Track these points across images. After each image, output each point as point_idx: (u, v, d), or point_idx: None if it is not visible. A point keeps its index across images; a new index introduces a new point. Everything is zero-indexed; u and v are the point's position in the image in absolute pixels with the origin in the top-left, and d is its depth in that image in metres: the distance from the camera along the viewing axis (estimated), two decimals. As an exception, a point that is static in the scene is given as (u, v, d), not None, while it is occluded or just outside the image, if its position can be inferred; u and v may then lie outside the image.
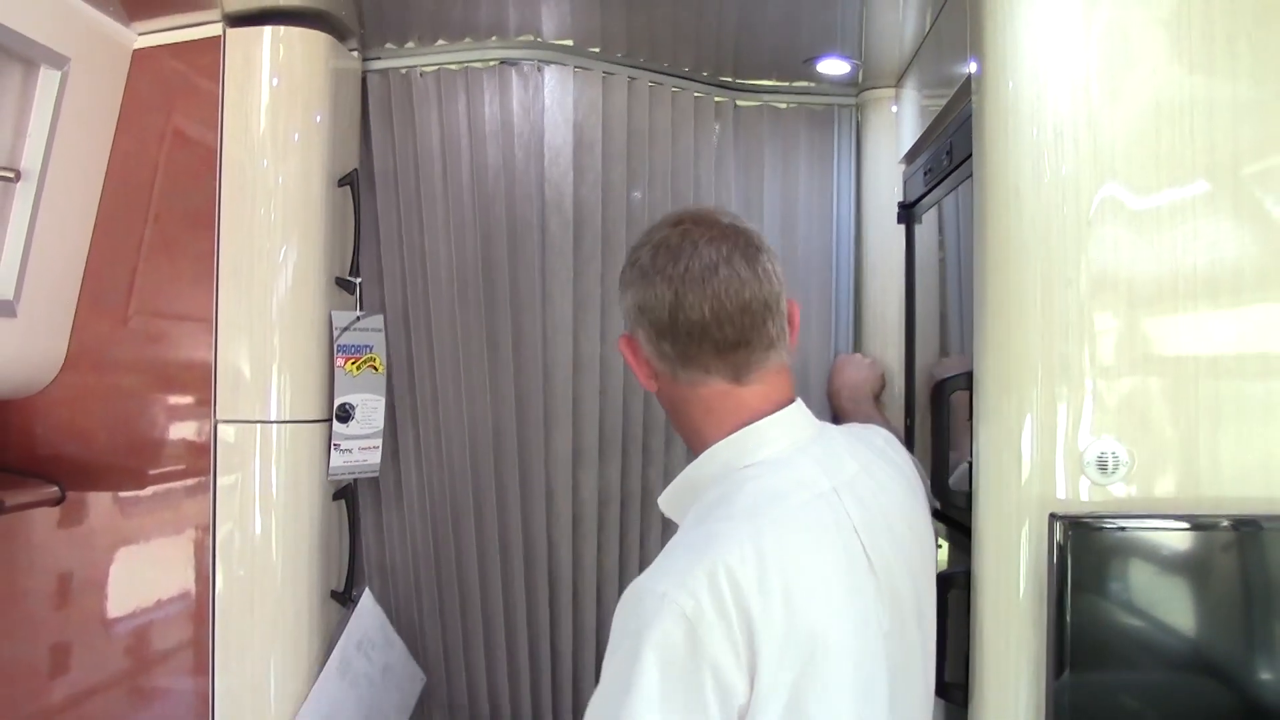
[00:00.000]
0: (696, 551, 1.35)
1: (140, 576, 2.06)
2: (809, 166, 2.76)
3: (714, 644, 1.29)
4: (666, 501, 1.63)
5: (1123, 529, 1.55)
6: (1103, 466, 1.58)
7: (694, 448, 1.57)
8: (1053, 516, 1.55)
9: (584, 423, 2.53)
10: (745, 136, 2.73)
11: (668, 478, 2.55)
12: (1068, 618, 1.53)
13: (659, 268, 1.49)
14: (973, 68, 1.75)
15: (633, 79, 2.54)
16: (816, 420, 1.60)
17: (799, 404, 1.57)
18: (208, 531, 2.00)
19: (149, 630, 2.05)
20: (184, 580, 2.03)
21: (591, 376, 2.52)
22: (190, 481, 2.03)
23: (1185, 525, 1.57)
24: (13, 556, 2.11)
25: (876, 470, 1.60)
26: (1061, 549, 1.53)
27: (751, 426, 1.51)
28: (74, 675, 2.10)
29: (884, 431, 1.76)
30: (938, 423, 2.03)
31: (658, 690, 1.28)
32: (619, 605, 1.41)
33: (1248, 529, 1.56)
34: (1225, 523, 1.56)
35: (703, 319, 1.47)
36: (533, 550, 2.50)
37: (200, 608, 2.01)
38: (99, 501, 2.08)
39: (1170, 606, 1.60)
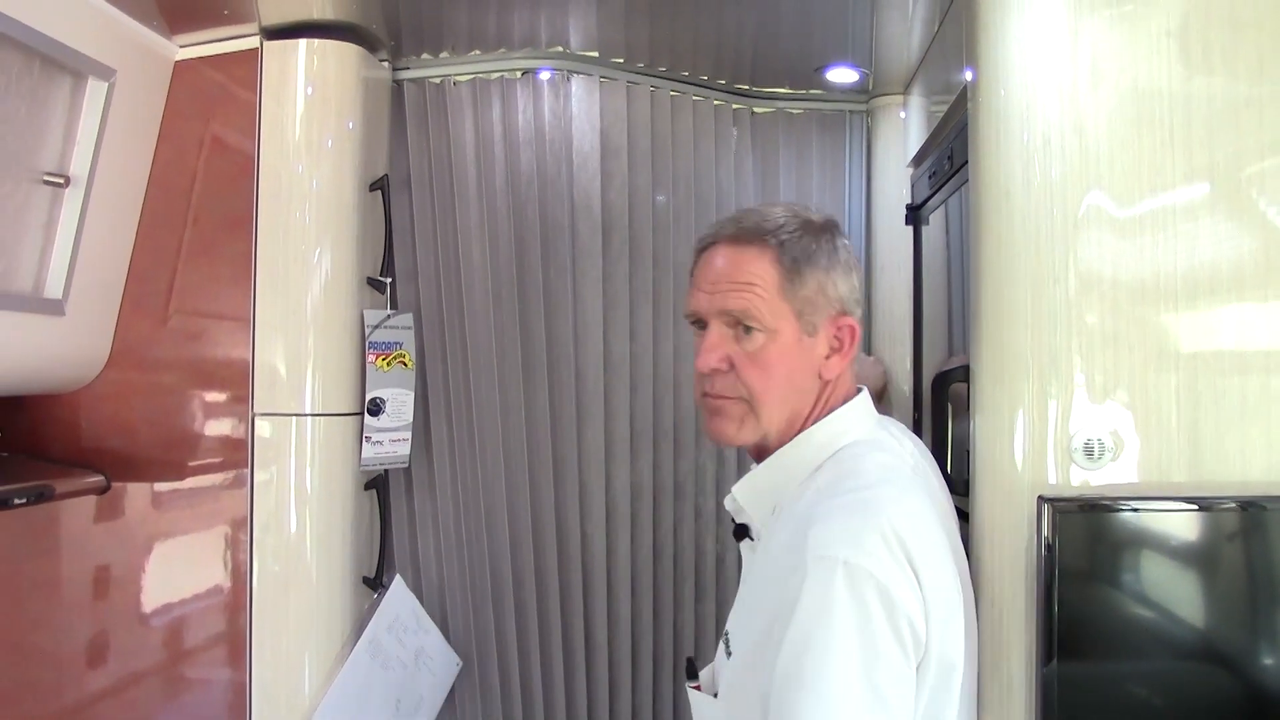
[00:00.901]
0: (859, 515, 1.40)
1: (181, 563, 2.17)
2: (821, 170, 2.86)
3: (904, 599, 1.35)
4: (748, 492, 1.63)
5: (1107, 510, 1.64)
6: (1089, 453, 1.66)
7: (784, 434, 1.59)
8: (1041, 499, 1.63)
9: (615, 418, 2.63)
10: (761, 142, 2.83)
11: (698, 472, 2.68)
12: (1056, 592, 1.61)
13: (857, 262, 1.62)
14: (968, 76, 1.83)
15: (655, 88, 2.64)
16: None
17: (865, 391, 1.66)
18: (245, 520, 2.11)
19: (189, 615, 2.15)
20: (223, 566, 2.14)
21: (622, 372, 2.63)
22: (229, 473, 2.14)
23: (1165, 507, 1.65)
24: (56, 545, 2.21)
25: (920, 453, 1.70)
26: (1051, 529, 1.61)
27: (846, 407, 1.60)
28: (117, 660, 2.21)
29: (900, 424, 1.83)
30: (937, 414, 2.11)
31: (859, 654, 1.34)
32: (772, 577, 1.45)
33: (1225, 510, 1.64)
34: (1205, 505, 1.64)
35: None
36: (566, 542, 2.60)
37: (238, 592, 2.11)
38: (141, 492, 2.18)
39: (1154, 582, 1.68)
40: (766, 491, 1.60)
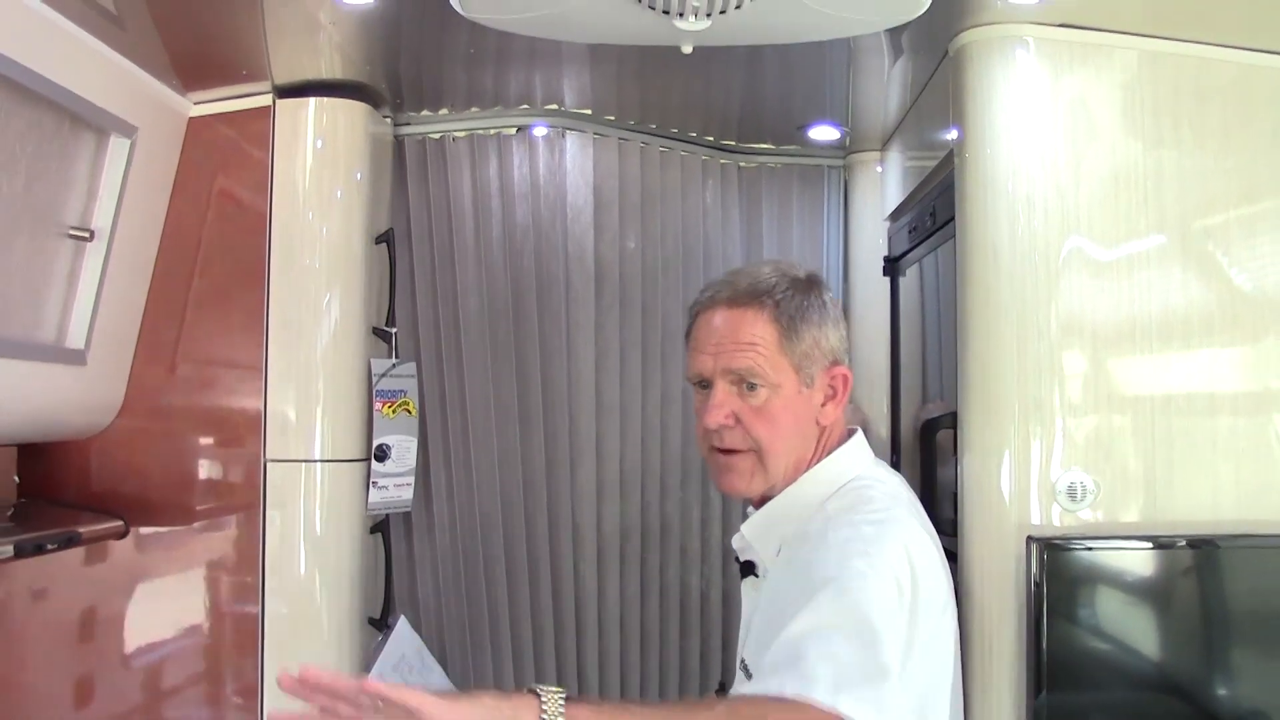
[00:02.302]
0: (880, 531, 1.50)
1: (193, 605, 2.21)
2: (801, 222, 2.98)
3: (906, 604, 1.44)
4: (756, 528, 1.72)
5: (1090, 549, 1.75)
6: (1073, 495, 1.79)
7: (787, 475, 1.67)
8: (1029, 539, 1.74)
9: (606, 461, 2.73)
10: (745, 195, 2.95)
11: (684, 512, 2.76)
12: (1045, 626, 1.72)
13: (841, 313, 1.73)
14: (954, 136, 1.96)
15: (645, 144, 2.76)
16: None
17: (860, 431, 1.75)
18: (257, 562, 2.16)
19: (203, 655, 2.20)
20: (235, 607, 2.19)
21: (613, 417, 2.73)
22: (240, 516, 2.19)
23: (1147, 545, 1.78)
24: (70, 588, 2.26)
25: (907, 493, 1.78)
26: (1038, 567, 1.72)
27: (846, 446, 1.70)
28: (130, 701, 2.24)
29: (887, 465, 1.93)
30: (926, 458, 2.22)
31: (891, 608, 1.42)
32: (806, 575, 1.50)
33: (1202, 547, 1.77)
34: (1182, 542, 1.77)
35: None
36: (560, 582, 2.68)
37: (250, 633, 2.16)
38: (154, 536, 2.23)
39: (1136, 617, 1.80)
40: (773, 527, 1.68)
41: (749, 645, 1.67)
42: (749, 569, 1.75)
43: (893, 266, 2.77)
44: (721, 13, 1.65)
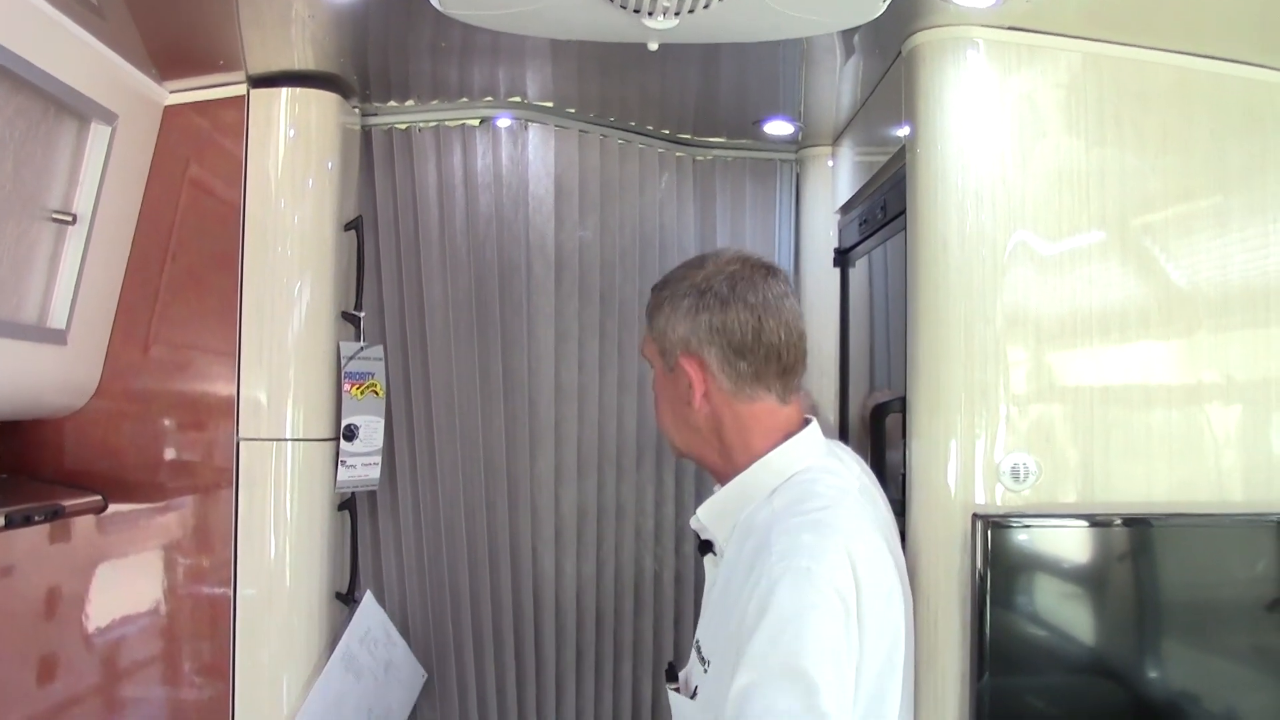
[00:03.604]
0: (819, 532, 1.55)
1: (166, 582, 2.27)
2: (754, 214, 3.07)
3: (851, 607, 1.50)
4: (710, 512, 1.79)
5: (1031, 526, 1.86)
6: (1015, 476, 1.89)
7: (728, 462, 1.76)
8: (975, 516, 1.84)
9: (565, 444, 2.81)
10: (700, 187, 3.04)
11: (639, 494, 2.85)
12: (988, 601, 1.82)
13: (739, 295, 1.71)
14: (905, 133, 2.05)
15: (605, 136, 2.84)
16: None
17: (815, 423, 1.81)
18: (229, 539, 2.22)
19: (175, 632, 2.25)
20: (207, 584, 2.25)
21: (571, 402, 2.81)
22: (213, 495, 2.25)
23: (1085, 523, 1.88)
24: (38, 568, 2.30)
25: (864, 477, 1.87)
26: (983, 543, 1.82)
27: (797, 436, 1.75)
28: (101, 676, 2.29)
29: (847, 448, 2.00)
30: (875, 441, 2.32)
31: (832, 641, 1.48)
32: (735, 589, 1.59)
33: (1136, 526, 1.88)
34: (1118, 520, 1.88)
35: (777, 342, 1.72)
36: (519, 560, 2.77)
37: (222, 608, 2.22)
38: (127, 513, 2.28)
39: (1076, 592, 1.91)
40: (726, 512, 1.76)
41: (701, 626, 1.77)
42: (708, 547, 1.84)
43: (843, 258, 2.87)
44: (690, 12, 1.73)
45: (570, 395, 2.81)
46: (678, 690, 1.77)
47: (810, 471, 1.72)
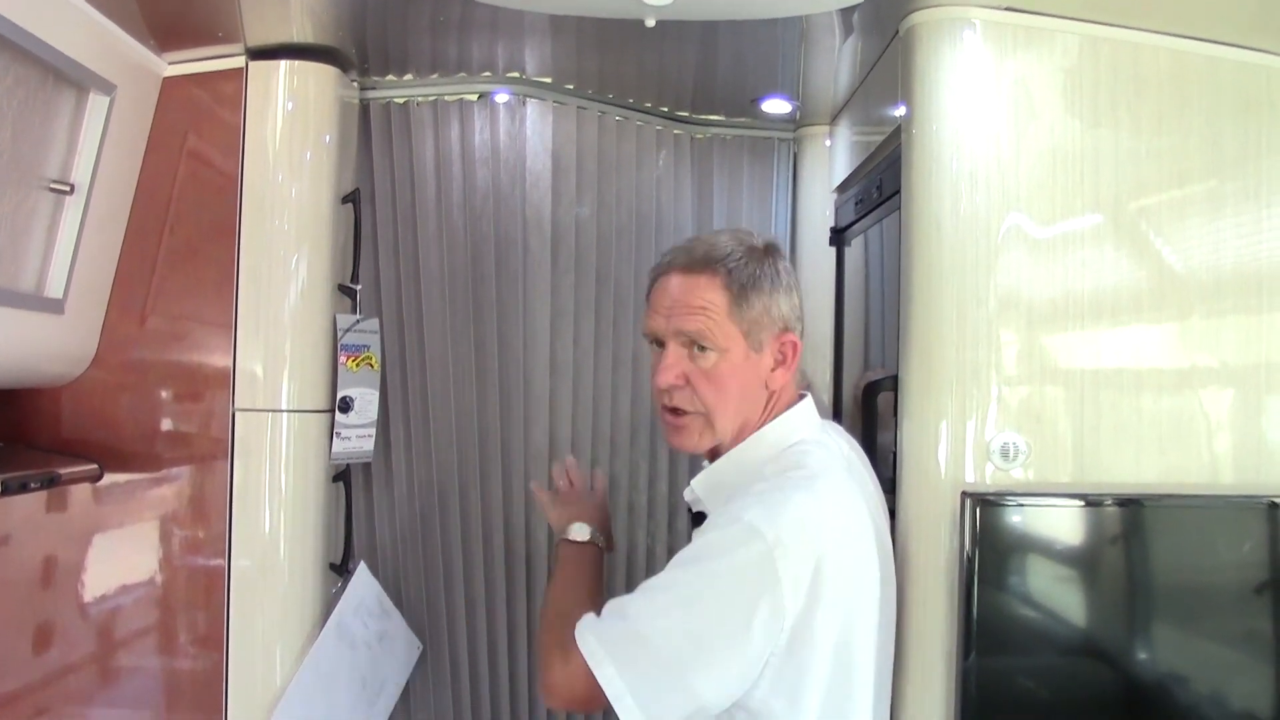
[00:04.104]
0: (788, 494, 1.60)
1: (161, 552, 2.28)
2: (750, 192, 3.08)
3: (786, 578, 1.53)
4: (705, 484, 1.84)
5: (1022, 505, 1.87)
6: (1005, 454, 1.90)
7: (736, 435, 1.80)
8: (964, 494, 1.86)
9: (559, 420, 2.83)
10: (698, 165, 3.04)
11: (632, 471, 2.86)
12: (976, 579, 1.84)
13: (796, 282, 1.82)
14: (901, 113, 2.06)
15: (603, 113, 2.84)
16: None
17: (810, 396, 1.86)
18: (225, 510, 2.23)
19: (172, 598, 2.27)
20: (202, 554, 2.26)
21: (566, 378, 2.82)
22: (209, 465, 2.26)
23: (1078, 503, 1.90)
24: (40, 534, 2.32)
25: (853, 454, 1.89)
26: (971, 521, 1.84)
27: (793, 410, 1.80)
28: (95, 646, 2.31)
29: (839, 426, 2.04)
30: (867, 419, 2.34)
31: (716, 599, 1.53)
32: (705, 529, 1.64)
33: (1128, 506, 1.90)
34: (1109, 501, 1.89)
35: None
36: (512, 535, 2.79)
37: (218, 576, 2.24)
38: (124, 483, 2.29)
39: (1063, 571, 1.93)
40: (722, 485, 1.79)
41: None
42: (701, 519, 1.85)
43: (839, 237, 2.88)
44: (687, -11, 1.75)
45: (565, 371, 2.83)
46: None
47: (804, 444, 1.76)
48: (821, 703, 1.60)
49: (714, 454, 1.84)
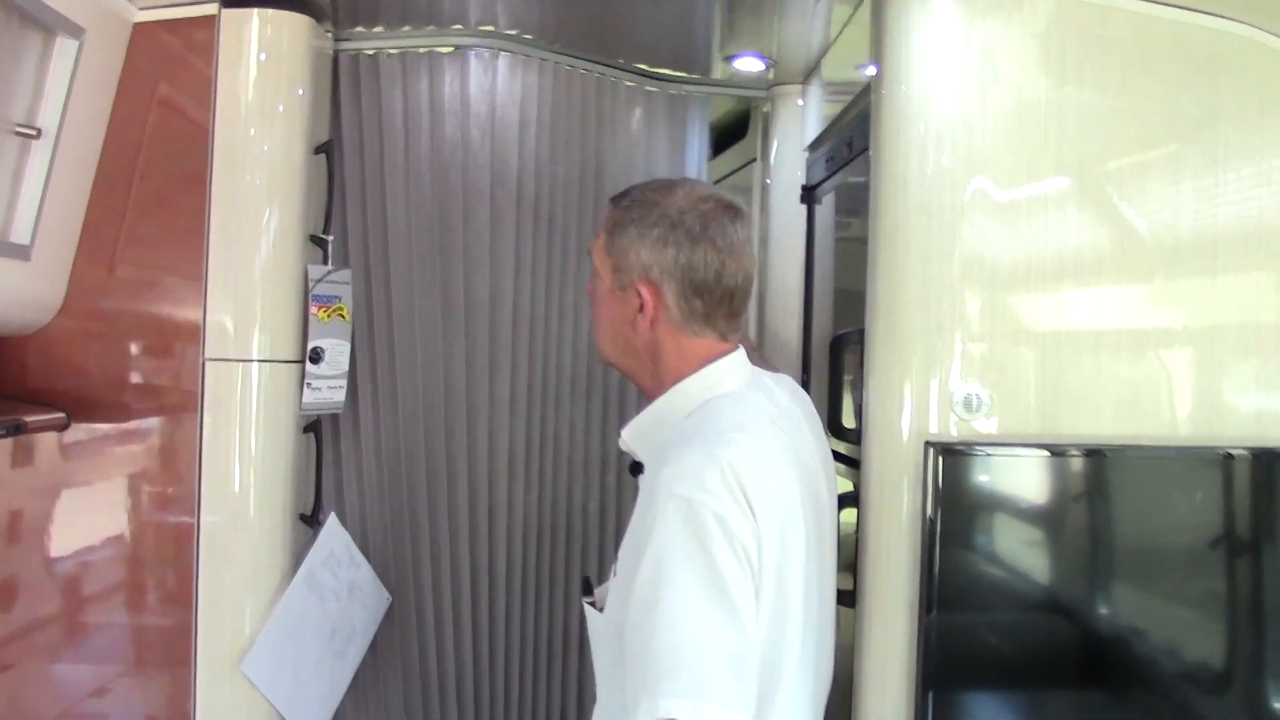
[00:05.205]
0: (703, 457, 1.58)
1: (129, 502, 2.28)
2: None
3: (740, 529, 1.54)
4: (633, 433, 1.85)
5: (987, 455, 1.91)
6: (968, 406, 1.93)
7: (656, 384, 1.81)
8: (928, 444, 1.89)
9: (519, 371, 2.85)
10: (670, 122, 3.05)
11: (589, 421, 2.89)
12: (939, 528, 1.88)
13: (710, 236, 1.73)
14: (872, 72, 2.07)
15: (573, 68, 2.85)
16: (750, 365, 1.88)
17: (741, 350, 1.84)
18: (194, 459, 2.23)
19: (141, 552, 2.26)
20: (173, 502, 2.25)
21: (527, 330, 2.85)
22: (179, 415, 2.25)
23: (1037, 451, 1.94)
24: (5, 486, 2.31)
25: (794, 407, 1.90)
26: (934, 470, 1.87)
27: (715, 364, 1.78)
28: (61, 600, 2.31)
29: (790, 380, 2.06)
30: (834, 372, 2.36)
31: (705, 575, 1.52)
32: (643, 508, 1.63)
33: (1087, 456, 1.94)
34: (1071, 451, 1.93)
35: (734, 286, 1.75)
36: (475, 484, 2.81)
37: (187, 529, 2.23)
38: (93, 432, 2.29)
39: (1025, 521, 1.97)
40: (647, 434, 1.81)
41: (622, 544, 1.77)
42: (639, 467, 1.86)
43: (810, 195, 2.90)
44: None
45: (526, 324, 2.86)
46: (592, 604, 1.82)
47: (723, 399, 1.76)
48: (768, 626, 1.62)
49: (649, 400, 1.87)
